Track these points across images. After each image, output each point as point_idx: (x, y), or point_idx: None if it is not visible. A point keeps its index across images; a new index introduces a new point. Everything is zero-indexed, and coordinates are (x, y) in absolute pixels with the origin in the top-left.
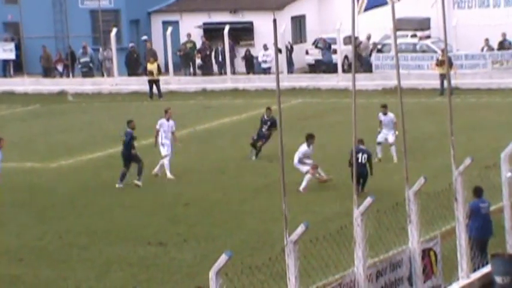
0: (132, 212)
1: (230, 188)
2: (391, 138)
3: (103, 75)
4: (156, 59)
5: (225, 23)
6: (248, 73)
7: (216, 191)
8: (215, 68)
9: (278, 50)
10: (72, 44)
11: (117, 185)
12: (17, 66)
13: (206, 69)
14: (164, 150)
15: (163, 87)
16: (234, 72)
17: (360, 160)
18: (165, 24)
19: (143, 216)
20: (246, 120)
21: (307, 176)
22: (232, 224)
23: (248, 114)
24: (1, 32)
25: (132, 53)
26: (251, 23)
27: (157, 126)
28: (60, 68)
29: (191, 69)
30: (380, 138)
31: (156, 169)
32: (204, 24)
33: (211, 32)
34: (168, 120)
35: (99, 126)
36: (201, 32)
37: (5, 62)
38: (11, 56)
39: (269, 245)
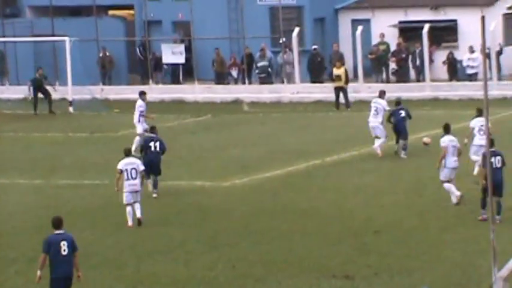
0: (314, 239)
1: (428, 213)
2: None
3: (283, 82)
4: (343, 63)
5: (424, 22)
6: (450, 80)
7: (412, 216)
8: (412, 73)
9: (486, 53)
10: (248, 45)
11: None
12: (187, 72)
13: (401, 75)
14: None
15: (352, 95)
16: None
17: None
18: (355, 23)
19: (327, 245)
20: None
21: None
22: (431, 256)
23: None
24: (170, 33)
25: (316, 56)
26: (455, 22)
27: (140, 108)
28: (234, 73)
29: (384, 75)
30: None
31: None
32: (400, 22)
33: (408, 31)
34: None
35: (278, 139)
36: (396, 32)
37: (174, 66)
38: (181, 59)
39: (474, 281)
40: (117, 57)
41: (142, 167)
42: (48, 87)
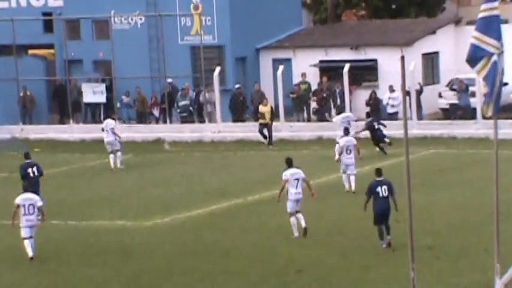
0: (237, 279)
1: (351, 252)
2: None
3: (204, 121)
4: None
5: (344, 61)
6: None
7: (334, 255)
8: (333, 112)
9: (406, 92)
10: (172, 85)
11: None
12: (108, 111)
13: (323, 115)
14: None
15: (273, 134)
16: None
17: (381, 194)
18: (276, 62)
19: (250, 285)
20: (369, 173)
21: None
22: None
23: (371, 166)
24: (91, 72)
25: (238, 96)
26: (375, 61)
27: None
28: (156, 112)
29: (305, 114)
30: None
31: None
32: (321, 62)
33: (329, 71)
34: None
35: (200, 179)
36: (317, 71)
37: (95, 105)
38: (102, 99)
39: None
40: (37, 96)
41: (40, 203)
42: None
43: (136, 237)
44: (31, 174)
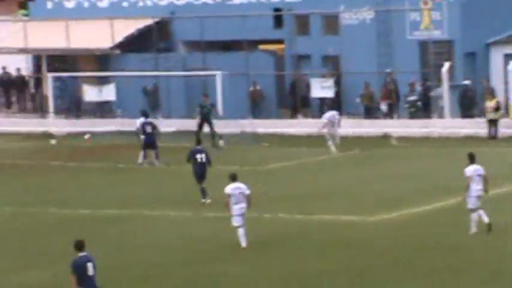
0: (462, 276)
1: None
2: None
3: (431, 117)
4: (494, 96)
5: None
6: None
7: None
8: None
9: None
10: (398, 80)
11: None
12: (335, 105)
13: None
14: None
15: (506, 131)
16: None
17: None
18: (507, 57)
19: (475, 283)
20: None
21: None
22: None
23: None
24: (319, 67)
25: (467, 91)
26: None
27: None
28: (384, 107)
29: None
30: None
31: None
32: None
33: None
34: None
35: (427, 175)
36: None
37: (322, 100)
38: (329, 93)
39: None
40: (266, 91)
41: (248, 191)
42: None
43: (361, 232)
44: (198, 160)
